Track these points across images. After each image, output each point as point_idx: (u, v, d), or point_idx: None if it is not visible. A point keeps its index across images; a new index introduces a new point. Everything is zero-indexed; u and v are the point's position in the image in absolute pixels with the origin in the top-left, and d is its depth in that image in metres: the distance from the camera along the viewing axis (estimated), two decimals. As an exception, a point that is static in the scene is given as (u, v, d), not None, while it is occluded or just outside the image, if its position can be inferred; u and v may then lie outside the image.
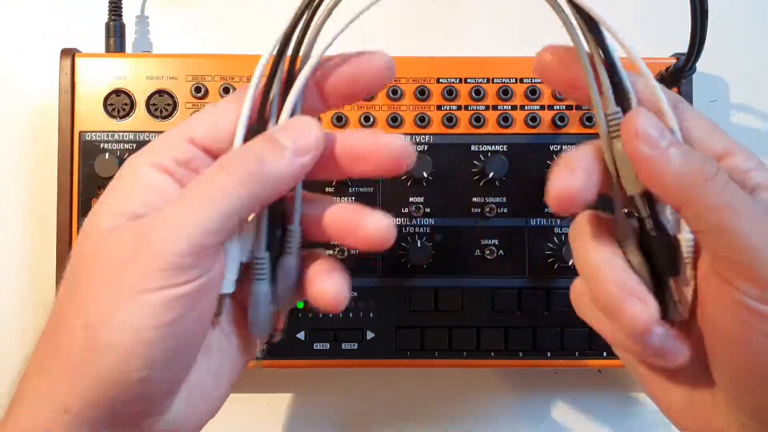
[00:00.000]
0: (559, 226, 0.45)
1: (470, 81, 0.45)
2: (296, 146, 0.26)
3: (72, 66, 0.44)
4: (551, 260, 0.44)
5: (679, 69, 0.40)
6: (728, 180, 0.24)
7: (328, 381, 0.49)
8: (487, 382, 0.50)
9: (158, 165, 0.26)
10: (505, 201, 0.45)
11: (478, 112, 0.45)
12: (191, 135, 0.27)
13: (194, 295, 0.25)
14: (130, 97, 0.44)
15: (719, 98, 0.51)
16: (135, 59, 0.45)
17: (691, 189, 0.24)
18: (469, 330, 0.44)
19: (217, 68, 0.44)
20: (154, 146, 0.27)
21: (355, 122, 0.45)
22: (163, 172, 0.26)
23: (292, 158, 0.26)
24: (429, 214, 0.45)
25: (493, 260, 0.44)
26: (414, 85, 0.45)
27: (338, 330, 0.44)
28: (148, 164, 0.27)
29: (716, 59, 0.49)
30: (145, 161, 0.27)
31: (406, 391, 0.50)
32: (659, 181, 0.24)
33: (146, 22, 0.51)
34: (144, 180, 0.26)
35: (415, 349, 0.44)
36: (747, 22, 0.51)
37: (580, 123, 0.45)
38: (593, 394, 0.50)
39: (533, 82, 0.45)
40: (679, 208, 0.25)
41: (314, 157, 0.26)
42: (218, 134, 0.27)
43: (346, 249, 0.44)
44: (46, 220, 0.47)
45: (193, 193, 0.25)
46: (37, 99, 0.49)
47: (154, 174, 0.26)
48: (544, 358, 0.44)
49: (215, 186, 0.25)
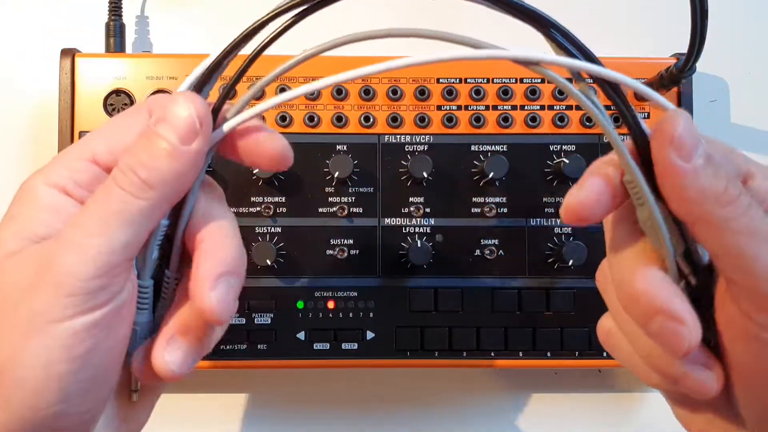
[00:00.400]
0: (559, 226, 0.45)
1: (470, 81, 0.45)
2: (179, 134, 0.24)
3: (72, 66, 0.44)
4: (551, 260, 0.44)
5: (679, 69, 0.40)
6: (751, 202, 0.23)
7: (328, 381, 0.49)
8: (487, 382, 0.50)
9: (57, 185, 0.25)
10: (505, 201, 0.45)
11: (478, 112, 0.45)
12: (92, 154, 0.25)
13: (107, 321, 0.23)
14: (130, 97, 0.44)
15: (719, 98, 0.51)
16: (135, 59, 0.45)
17: (712, 208, 0.22)
18: (469, 330, 0.44)
19: (217, 68, 0.44)
20: (53, 165, 0.25)
21: (355, 123, 0.45)
22: (62, 193, 0.25)
23: (179, 149, 0.24)
24: (429, 214, 0.45)
25: (493, 260, 0.44)
26: (414, 85, 0.45)
27: (338, 330, 0.44)
28: (45, 184, 0.25)
29: (716, 59, 0.49)
30: (42, 181, 0.25)
31: (406, 391, 0.50)
32: (680, 193, 0.23)
33: (146, 22, 0.51)
34: (43, 201, 0.25)
35: (415, 349, 0.44)
36: (747, 22, 0.51)
37: (579, 123, 0.45)
38: (593, 394, 0.50)
39: (533, 82, 0.45)
40: (693, 224, 0.23)
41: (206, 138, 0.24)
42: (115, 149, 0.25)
43: (346, 249, 0.44)
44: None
45: (90, 210, 0.24)
46: (37, 99, 0.49)
47: (54, 194, 0.25)
48: (544, 358, 0.44)
49: (112, 200, 0.23)
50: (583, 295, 0.44)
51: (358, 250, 0.44)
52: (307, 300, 0.44)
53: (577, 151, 0.44)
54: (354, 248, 0.44)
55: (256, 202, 0.44)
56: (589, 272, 0.44)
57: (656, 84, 0.43)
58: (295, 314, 0.44)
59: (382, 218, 0.45)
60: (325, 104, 0.45)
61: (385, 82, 0.45)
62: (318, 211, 0.44)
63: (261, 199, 0.44)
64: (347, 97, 0.45)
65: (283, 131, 0.45)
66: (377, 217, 0.45)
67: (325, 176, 0.44)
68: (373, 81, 0.45)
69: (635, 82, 0.23)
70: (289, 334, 0.44)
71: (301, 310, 0.44)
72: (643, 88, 0.24)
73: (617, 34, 0.51)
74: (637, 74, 0.45)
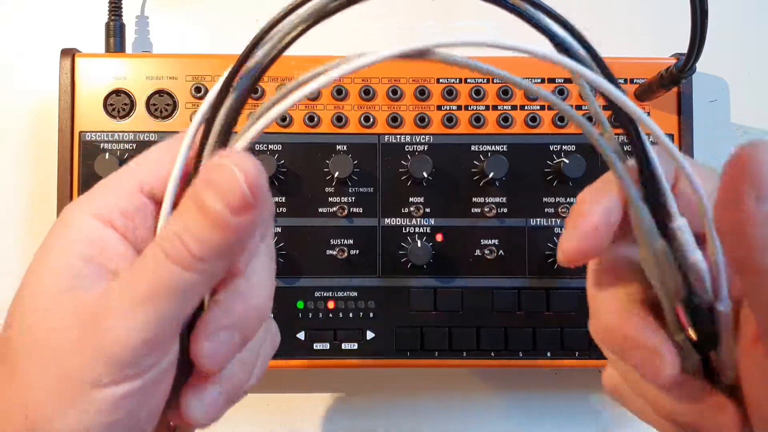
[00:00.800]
0: (559, 226, 0.45)
1: (470, 81, 0.45)
2: (229, 205, 0.21)
3: (72, 66, 0.44)
4: (551, 260, 0.44)
5: (679, 69, 0.40)
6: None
7: (328, 381, 0.49)
8: (487, 382, 0.50)
9: (102, 217, 0.24)
10: (505, 201, 0.45)
11: (478, 112, 0.45)
12: (140, 184, 0.24)
13: (148, 387, 0.22)
14: (130, 97, 0.44)
15: (719, 98, 0.51)
16: (135, 59, 0.45)
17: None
18: (469, 330, 0.44)
19: (217, 68, 0.44)
20: (98, 195, 0.24)
21: (355, 123, 0.45)
22: (108, 225, 0.24)
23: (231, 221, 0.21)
24: (429, 214, 0.45)
25: (493, 260, 0.44)
26: (414, 85, 0.45)
27: (338, 330, 0.44)
28: (90, 215, 0.24)
29: (716, 59, 0.49)
30: (88, 211, 0.24)
31: (405, 390, 0.50)
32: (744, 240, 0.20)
33: (146, 22, 0.51)
34: (85, 232, 0.23)
35: (415, 349, 0.44)
36: (747, 22, 0.51)
37: (580, 123, 0.45)
38: (592, 394, 0.50)
39: (533, 82, 0.45)
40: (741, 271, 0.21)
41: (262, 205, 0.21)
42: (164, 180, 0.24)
43: (346, 249, 0.44)
44: (46, 220, 0.47)
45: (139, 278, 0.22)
46: (37, 99, 0.49)
47: (98, 227, 0.23)
48: (544, 358, 0.44)
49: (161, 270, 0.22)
50: (583, 295, 0.44)
51: (358, 250, 0.44)
52: (307, 300, 0.44)
53: (577, 151, 0.44)
54: (354, 248, 0.44)
55: (256, 202, 0.44)
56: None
57: (656, 84, 0.43)
58: (295, 314, 0.44)
59: (382, 218, 0.45)
60: (325, 104, 0.45)
61: (385, 82, 0.45)
62: (318, 211, 0.44)
63: (261, 199, 0.44)
64: (347, 97, 0.45)
65: (283, 131, 0.45)
66: (377, 217, 0.45)
67: (325, 176, 0.44)
68: (373, 81, 0.45)
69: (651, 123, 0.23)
70: (289, 334, 0.44)
71: (301, 310, 0.44)
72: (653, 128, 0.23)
73: (617, 34, 0.51)
74: (637, 74, 0.45)
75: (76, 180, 0.44)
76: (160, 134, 0.44)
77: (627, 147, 0.24)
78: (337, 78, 0.22)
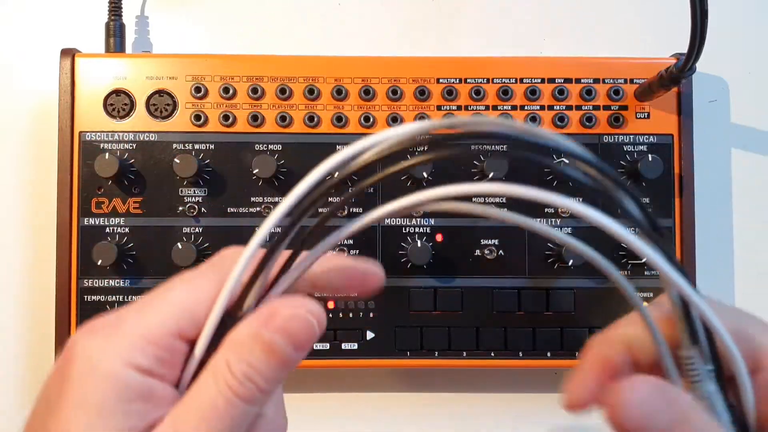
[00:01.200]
0: (559, 227, 0.45)
1: (470, 81, 0.45)
2: (297, 346, 0.23)
3: (72, 66, 0.44)
4: (551, 260, 0.44)
5: (679, 69, 0.40)
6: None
7: (328, 381, 0.49)
8: (487, 382, 0.50)
9: (141, 368, 0.22)
10: (505, 201, 0.45)
11: (478, 113, 0.45)
12: (179, 329, 0.23)
13: None
14: (130, 97, 0.44)
15: (719, 98, 0.51)
16: (135, 59, 0.45)
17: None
18: (469, 330, 0.44)
19: (217, 68, 0.44)
20: (133, 342, 0.22)
21: (355, 123, 0.45)
22: (147, 375, 0.22)
23: (293, 357, 0.23)
24: (429, 214, 0.45)
25: (493, 260, 0.44)
26: (414, 85, 0.45)
27: (338, 330, 0.44)
28: (128, 366, 0.22)
29: (716, 59, 0.49)
30: (123, 362, 0.22)
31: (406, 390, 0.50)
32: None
33: (146, 22, 0.51)
34: (127, 386, 0.22)
35: (415, 349, 0.44)
36: (747, 22, 0.51)
37: (579, 123, 0.45)
38: (593, 394, 0.50)
39: (533, 82, 0.45)
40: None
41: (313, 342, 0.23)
42: (199, 320, 0.23)
43: (347, 249, 0.44)
44: (46, 220, 0.47)
45: (212, 423, 0.22)
46: (37, 99, 0.49)
47: (139, 379, 0.22)
48: (544, 358, 0.44)
49: (233, 416, 0.22)
50: (583, 295, 0.44)
51: (358, 250, 0.44)
52: (307, 300, 0.44)
53: (577, 151, 0.44)
54: (354, 248, 0.44)
55: (256, 202, 0.44)
56: (589, 272, 0.44)
57: (656, 84, 0.43)
58: (295, 314, 0.44)
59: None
60: (325, 104, 0.45)
61: (385, 82, 0.45)
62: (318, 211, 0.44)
63: (261, 199, 0.44)
64: (347, 97, 0.45)
65: (283, 131, 0.45)
66: (377, 217, 0.45)
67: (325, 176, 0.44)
68: (373, 81, 0.45)
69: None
70: (289, 334, 0.44)
71: (301, 310, 0.44)
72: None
73: (617, 34, 0.51)
74: (637, 74, 0.45)
75: (76, 180, 0.44)
76: (160, 134, 0.44)
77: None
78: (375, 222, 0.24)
